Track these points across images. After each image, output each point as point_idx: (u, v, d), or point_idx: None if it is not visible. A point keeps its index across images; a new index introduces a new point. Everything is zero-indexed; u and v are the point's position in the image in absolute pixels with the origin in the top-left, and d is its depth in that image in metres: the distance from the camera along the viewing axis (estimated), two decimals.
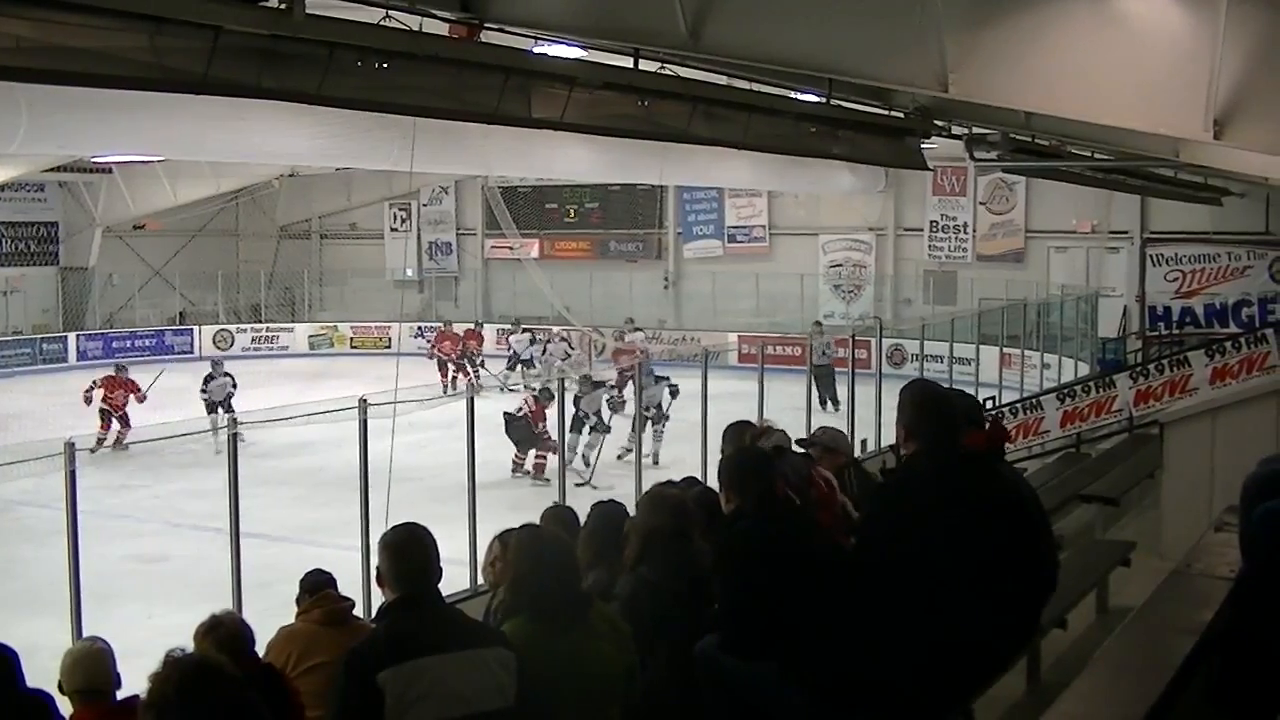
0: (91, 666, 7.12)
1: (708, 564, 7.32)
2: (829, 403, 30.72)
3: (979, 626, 6.89)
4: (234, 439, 14.02)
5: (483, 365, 40.10)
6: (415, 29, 10.91)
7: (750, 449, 8.23)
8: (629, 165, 26.39)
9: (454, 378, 38.16)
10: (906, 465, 7.21)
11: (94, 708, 6.96)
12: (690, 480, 10.50)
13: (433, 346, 40.89)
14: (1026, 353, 33.89)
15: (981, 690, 7.73)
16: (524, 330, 42.89)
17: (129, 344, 47.47)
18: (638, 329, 41.89)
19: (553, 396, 25.68)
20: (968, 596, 6.77)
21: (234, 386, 31.38)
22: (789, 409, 22.64)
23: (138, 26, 9.08)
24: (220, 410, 29.39)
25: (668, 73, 14.10)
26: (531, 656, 5.66)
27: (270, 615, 8.77)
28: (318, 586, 8.53)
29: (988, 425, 8.59)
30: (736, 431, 9.85)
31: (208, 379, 31.29)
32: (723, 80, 15.21)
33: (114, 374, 30.80)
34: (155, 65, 9.39)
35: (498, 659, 5.57)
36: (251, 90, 10.58)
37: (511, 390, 29.88)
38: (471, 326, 43.35)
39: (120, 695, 7.11)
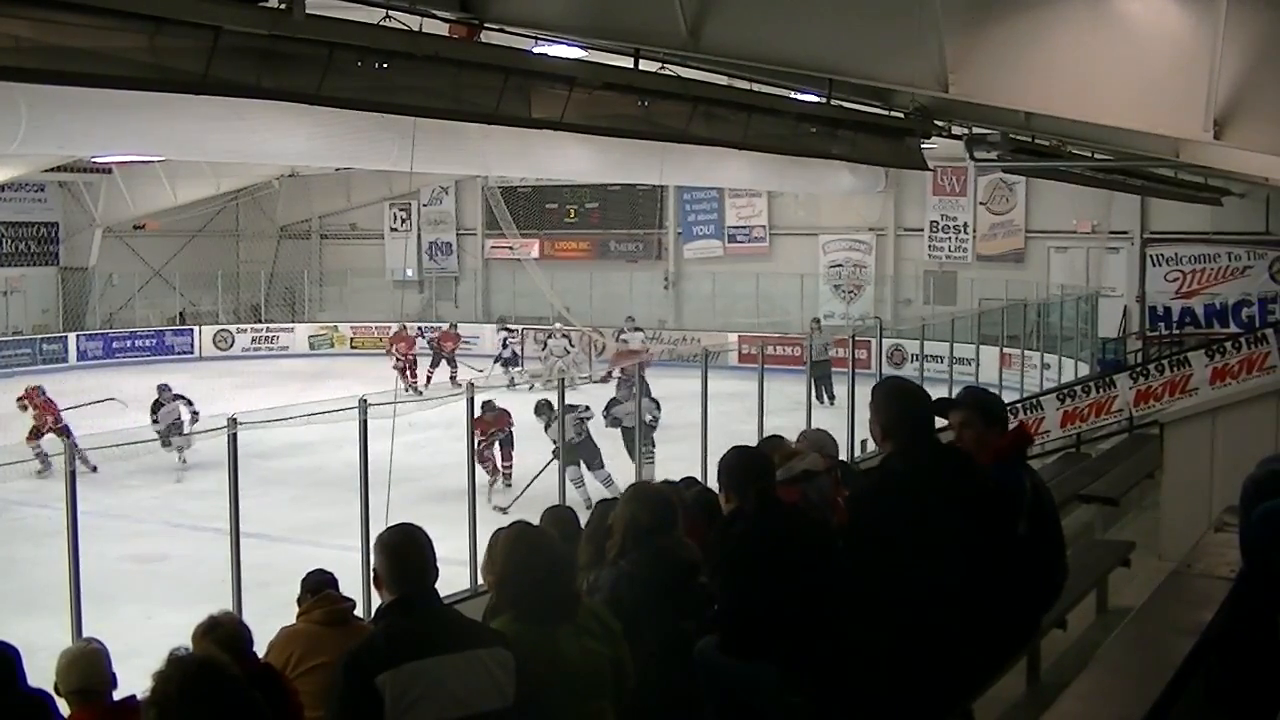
0: (87, 667, 7.13)
1: (691, 556, 7.32)
2: (826, 398, 30.73)
3: (970, 626, 6.89)
4: (233, 439, 13.97)
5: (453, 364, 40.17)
6: (415, 29, 10.91)
7: (750, 449, 8.19)
8: (629, 165, 26.43)
9: (413, 381, 37.93)
10: (882, 465, 7.21)
11: (91, 708, 6.97)
12: (689, 480, 10.48)
13: (389, 350, 40.43)
14: (1026, 353, 33.89)
15: (980, 691, 7.73)
16: (504, 329, 42.80)
17: (129, 344, 47.65)
18: (638, 329, 41.67)
19: (494, 408, 24.29)
20: (957, 595, 6.76)
21: (191, 411, 28.24)
22: (790, 407, 22.69)
23: (137, 27, 9.08)
24: (173, 439, 26.50)
25: (668, 73, 14.11)
26: (518, 655, 5.66)
27: (270, 615, 8.79)
28: (319, 586, 8.55)
29: (1013, 426, 8.57)
30: (768, 444, 9.72)
31: (156, 406, 28.19)
32: (723, 80, 15.22)
33: (32, 389, 28.59)
34: (154, 65, 9.39)
35: (496, 659, 5.57)
36: (251, 90, 10.57)
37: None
38: (446, 327, 42.87)
39: (117, 695, 7.12)
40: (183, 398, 28.68)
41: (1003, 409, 8.22)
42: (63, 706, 7.08)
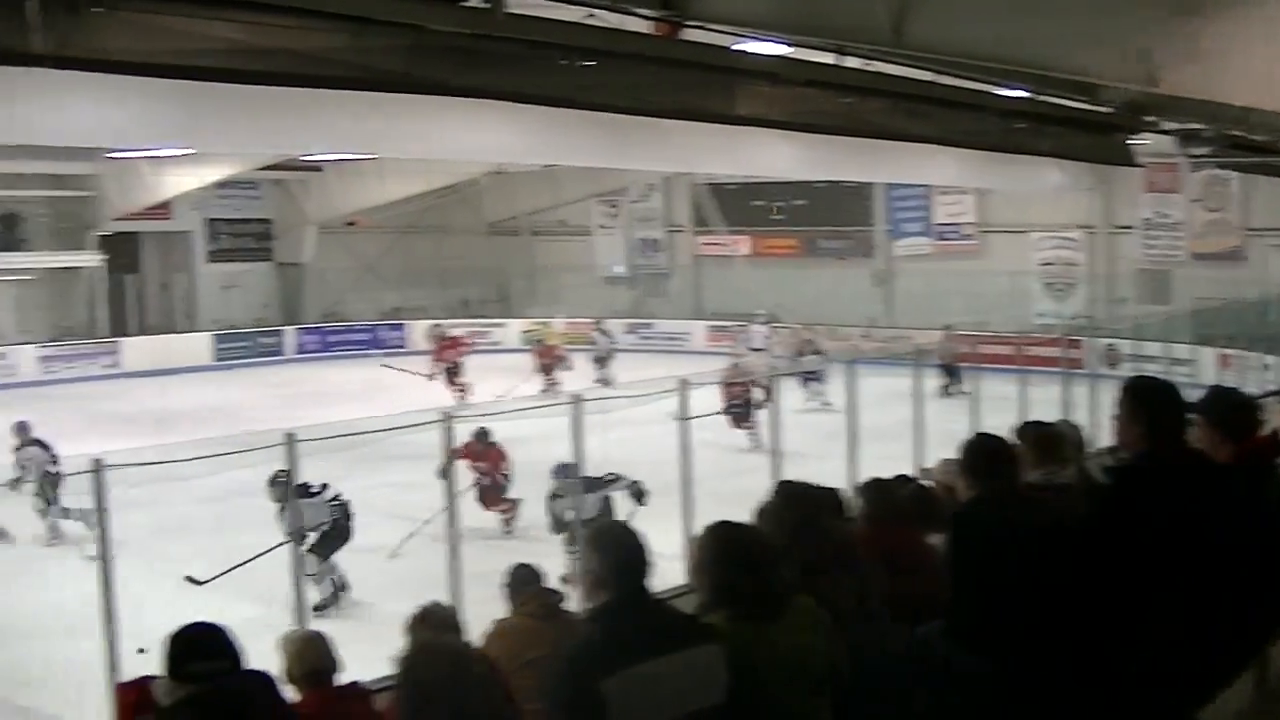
0: (318, 650, 7.24)
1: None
2: (954, 390, 31.68)
3: (1203, 634, 6.72)
4: (448, 433, 14.07)
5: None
6: (617, 27, 10.97)
7: (993, 438, 7.94)
8: (833, 162, 26.35)
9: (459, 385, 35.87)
10: (1130, 466, 7.00)
11: (319, 692, 7.06)
12: (902, 478, 10.52)
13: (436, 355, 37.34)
14: (1246, 353, 33.13)
15: (1205, 701, 7.54)
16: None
17: (344, 338, 48.80)
18: (768, 321, 39.61)
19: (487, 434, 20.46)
20: (1192, 603, 6.59)
21: (51, 456, 21.72)
22: (1002, 407, 22.42)
23: (342, 28, 9.24)
24: (51, 494, 21.36)
25: (871, 69, 14.02)
26: (734, 653, 5.63)
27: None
28: (525, 582, 8.67)
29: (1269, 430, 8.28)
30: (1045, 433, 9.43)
31: (17, 448, 22.07)
32: (926, 76, 15.09)
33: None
34: (358, 65, 9.55)
35: (709, 655, 5.57)
36: (452, 89, 10.71)
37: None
38: (443, 335, 39.12)
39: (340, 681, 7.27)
40: (40, 442, 22.25)
41: (1236, 411, 7.84)
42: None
